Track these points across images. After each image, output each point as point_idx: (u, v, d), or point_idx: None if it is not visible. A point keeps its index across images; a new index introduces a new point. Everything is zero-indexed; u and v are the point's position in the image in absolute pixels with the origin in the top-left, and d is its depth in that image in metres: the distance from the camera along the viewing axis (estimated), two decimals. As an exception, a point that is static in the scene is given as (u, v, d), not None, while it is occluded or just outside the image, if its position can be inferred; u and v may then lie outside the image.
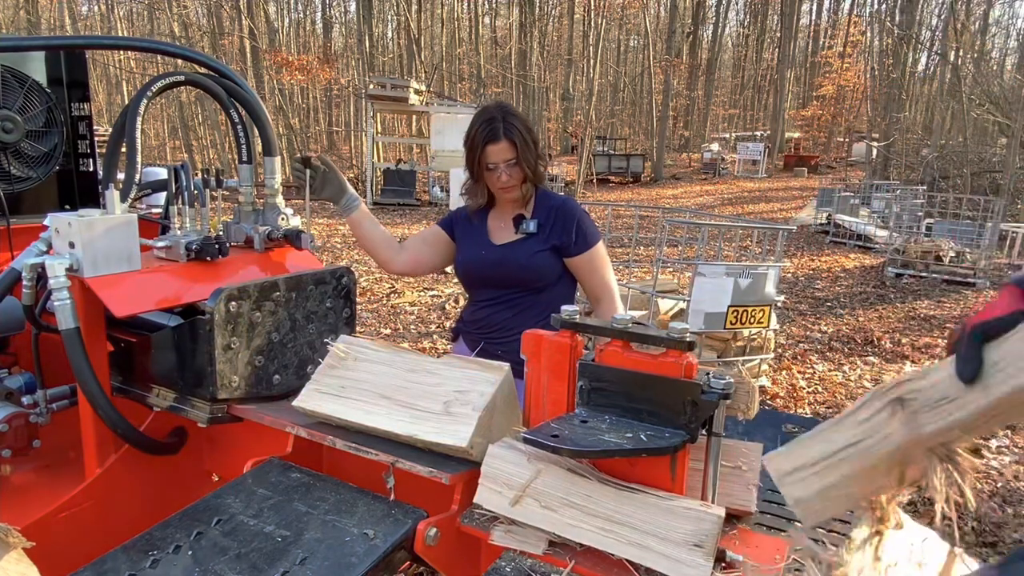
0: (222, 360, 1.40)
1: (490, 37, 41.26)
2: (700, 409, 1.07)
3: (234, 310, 1.40)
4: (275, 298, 1.49)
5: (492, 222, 2.20)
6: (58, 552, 1.42)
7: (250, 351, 1.46)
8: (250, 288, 1.42)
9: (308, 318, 1.56)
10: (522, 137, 2.03)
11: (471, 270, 2.18)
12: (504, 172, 2.03)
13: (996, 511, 3.43)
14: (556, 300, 2.12)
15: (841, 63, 35.09)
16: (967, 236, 9.89)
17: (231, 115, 1.81)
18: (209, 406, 1.43)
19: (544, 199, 2.16)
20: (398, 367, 1.37)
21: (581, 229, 2.11)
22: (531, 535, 1.09)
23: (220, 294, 1.37)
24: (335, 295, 1.65)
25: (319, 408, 1.35)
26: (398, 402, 1.30)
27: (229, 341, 1.41)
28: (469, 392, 1.27)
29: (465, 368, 1.33)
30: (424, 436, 1.23)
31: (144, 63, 26.20)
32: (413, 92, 18.22)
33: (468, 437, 1.20)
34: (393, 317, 6.93)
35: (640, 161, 26.70)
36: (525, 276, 2.10)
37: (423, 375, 1.34)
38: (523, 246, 2.11)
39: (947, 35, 20.79)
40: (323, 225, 13.40)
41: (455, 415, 1.24)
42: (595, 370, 1.17)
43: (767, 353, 5.21)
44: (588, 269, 2.14)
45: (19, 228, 1.95)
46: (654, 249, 7.34)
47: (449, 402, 1.27)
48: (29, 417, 1.74)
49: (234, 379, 1.43)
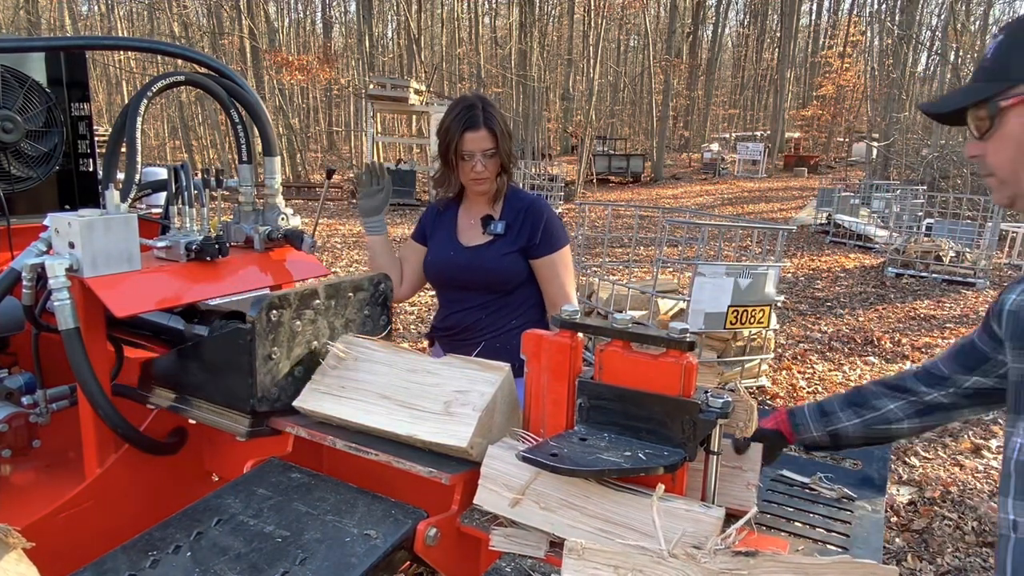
0: (263, 371, 1.34)
1: (490, 37, 41.25)
2: (698, 428, 1.08)
3: (275, 319, 1.34)
4: (315, 306, 1.43)
5: (461, 219, 2.16)
6: (58, 552, 1.41)
7: (290, 361, 1.40)
8: (291, 296, 1.37)
9: (347, 326, 1.51)
10: (501, 128, 2.00)
11: (440, 271, 2.15)
12: (480, 162, 1.99)
13: (996, 511, 3.43)
14: (527, 300, 2.11)
15: (841, 63, 35.05)
16: (967, 236, 9.89)
17: (231, 115, 1.80)
18: (249, 419, 1.37)
19: (514, 199, 2.12)
20: (398, 367, 1.36)
21: (548, 231, 2.06)
22: (531, 537, 1.09)
23: (262, 303, 1.31)
24: (372, 302, 1.60)
25: (319, 408, 1.34)
26: (398, 402, 1.30)
27: (270, 351, 1.35)
28: (469, 392, 1.26)
29: (465, 368, 1.32)
30: (424, 436, 1.23)
31: (144, 63, 26.18)
32: (413, 92, 18.20)
33: (468, 437, 1.19)
34: (393, 317, 6.93)
35: (640, 161, 26.69)
36: (493, 279, 2.07)
37: (423, 375, 1.33)
38: (491, 249, 2.07)
39: (947, 35, 20.79)
40: (323, 225, 13.40)
41: (455, 415, 1.24)
42: (594, 388, 1.17)
43: (767, 353, 5.20)
44: (548, 274, 2.09)
45: (19, 228, 1.95)
46: (654, 249, 7.34)
47: (449, 402, 1.26)
48: (29, 417, 1.74)
49: (273, 391, 1.37)
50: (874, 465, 1.57)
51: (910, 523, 3.32)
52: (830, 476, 1.55)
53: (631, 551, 0.93)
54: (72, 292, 1.45)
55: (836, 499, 1.47)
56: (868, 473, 1.56)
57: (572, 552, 0.95)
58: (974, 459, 4.03)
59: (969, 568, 2.99)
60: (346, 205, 17.75)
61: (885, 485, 1.54)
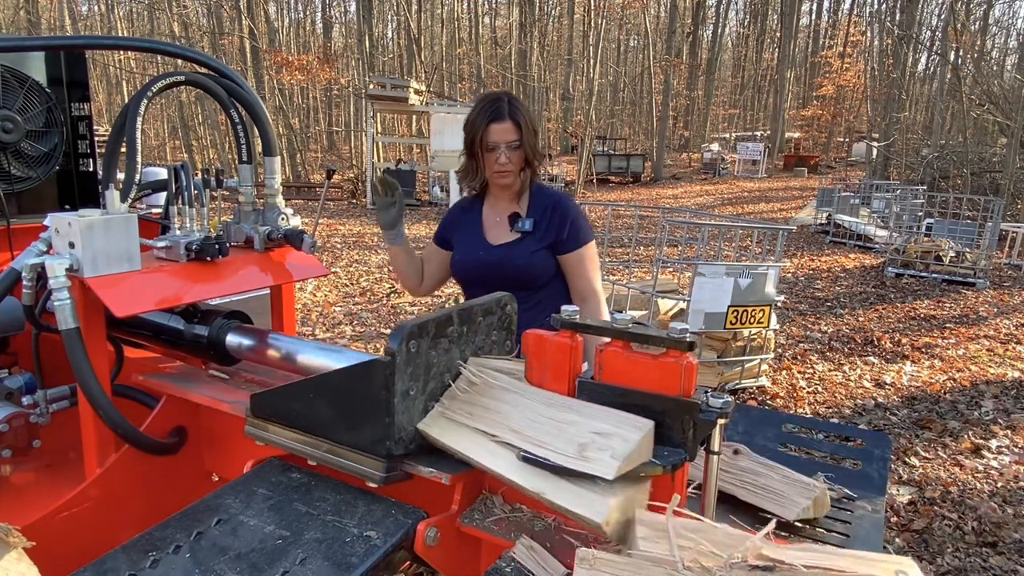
0: (401, 409, 1.19)
1: (490, 37, 41.25)
2: (698, 428, 1.08)
3: (414, 350, 1.20)
4: (449, 334, 1.29)
5: (487, 217, 2.18)
6: (58, 552, 1.41)
7: (424, 396, 1.25)
8: (429, 324, 1.24)
9: (476, 354, 1.38)
10: (526, 122, 2.01)
11: (469, 270, 2.17)
12: (504, 153, 2.01)
13: (996, 511, 3.43)
14: (555, 296, 2.12)
15: (841, 63, 35.10)
16: (967, 236, 9.89)
17: (231, 115, 1.80)
18: (385, 464, 1.21)
19: (540, 195, 2.14)
20: (533, 398, 1.22)
21: (575, 226, 2.10)
22: (551, 563, 1.07)
23: (402, 332, 1.18)
24: (499, 327, 1.46)
25: (441, 436, 1.20)
26: (527, 438, 1.14)
27: (408, 386, 1.20)
28: (611, 436, 1.09)
29: (610, 409, 1.16)
30: (552, 496, 1.05)
31: (144, 63, 26.21)
32: (413, 92, 18.20)
33: (605, 512, 1.00)
34: (393, 317, 6.93)
35: (640, 161, 26.70)
36: (522, 276, 2.10)
37: (560, 410, 1.18)
38: (519, 246, 2.10)
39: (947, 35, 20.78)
40: (323, 225, 13.39)
41: (591, 460, 1.06)
42: (594, 388, 1.17)
43: (767, 353, 5.21)
44: (577, 269, 2.13)
45: (19, 228, 1.95)
46: (654, 249, 7.34)
47: (585, 444, 1.09)
48: (29, 417, 1.74)
49: (410, 430, 1.23)
50: (874, 465, 1.57)
51: (910, 523, 3.32)
52: (830, 476, 1.55)
53: (644, 562, 0.91)
54: (72, 292, 1.45)
55: (836, 499, 1.47)
56: (868, 473, 1.56)
57: (584, 562, 0.93)
58: (974, 459, 4.03)
59: (969, 568, 2.99)
60: (346, 205, 17.75)
61: (885, 485, 1.54)
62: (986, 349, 6.24)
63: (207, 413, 1.71)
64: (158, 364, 1.92)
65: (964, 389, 5.21)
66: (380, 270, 9.29)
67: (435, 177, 19.24)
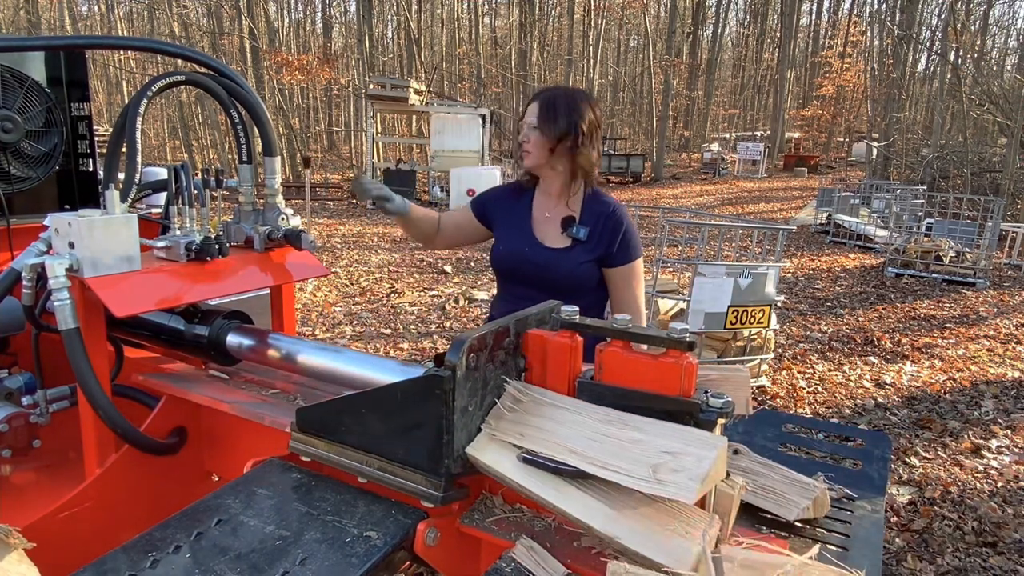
0: (460, 426, 1.14)
1: (490, 37, 41.25)
2: (699, 428, 1.08)
3: (473, 363, 1.15)
4: (505, 345, 1.23)
5: (536, 210, 2.12)
6: (58, 552, 1.41)
7: (481, 412, 1.19)
8: (487, 336, 1.19)
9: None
10: (554, 111, 1.97)
11: (513, 265, 2.11)
12: (526, 132, 2.02)
13: (996, 511, 3.43)
14: (592, 305, 2.10)
15: (841, 63, 35.10)
16: (967, 236, 9.89)
17: (231, 115, 1.80)
18: (443, 483, 1.14)
19: (594, 201, 2.09)
20: (587, 415, 1.14)
21: (626, 240, 2.06)
22: (551, 563, 1.06)
23: (462, 346, 1.12)
24: None
25: (496, 465, 1.11)
26: (589, 459, 1.05)
27: (467, 402, 1.15)
28: (682, 456, 1.00)
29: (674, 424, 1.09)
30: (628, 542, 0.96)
31: (144, 63, 26.22)
32: (413, 92, 18.20)
33: (691, 559, 0.91)
34: (393, 317, 6.93)
35: (640, 161, 26.71)
36: (565, 284, 2.04)
37: (620, 427, 1.10)
38: (571, 255, 2.04)
39: (947, 35, 20.78)
40: (323, 225, 13.39)
41: (665, 484, 0.96)
42: (594, 388, 1.17)
43: (767, 353, 5.21)
44: (622, 283, 2.09)
45: (19, 228, 1.95)
46: (654, 249, 7.34)
47: (657, 466, 0.99)
48: (29, 417, 1.74)
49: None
50: (874, 465, 1.57)
51: (910, 523, 3.32)
52: (830, 476, 1.55)
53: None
54: (72, 292, 1.45)
55: (836, 499, 1.47)
56: (868, 473, 1.56)
57: None
58: (974, 459, 4.03)
59: (969, 568, 2.99)
60: (346, 205, 17.75)
61: (885, 485, 1.54)
62: (986, 349, 6.24)
63: (207, 413, 1.71)
64: (158, 364, 1.92)
65: (964, 389, 5.21)
66: (380, 270, 9.30)
67: (435, 177, 19.24)
